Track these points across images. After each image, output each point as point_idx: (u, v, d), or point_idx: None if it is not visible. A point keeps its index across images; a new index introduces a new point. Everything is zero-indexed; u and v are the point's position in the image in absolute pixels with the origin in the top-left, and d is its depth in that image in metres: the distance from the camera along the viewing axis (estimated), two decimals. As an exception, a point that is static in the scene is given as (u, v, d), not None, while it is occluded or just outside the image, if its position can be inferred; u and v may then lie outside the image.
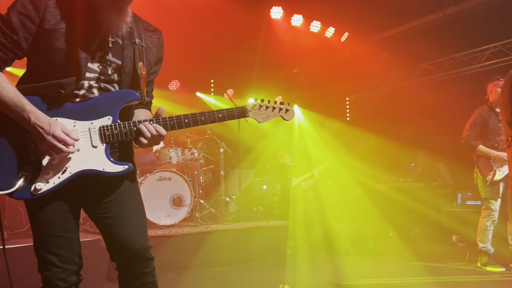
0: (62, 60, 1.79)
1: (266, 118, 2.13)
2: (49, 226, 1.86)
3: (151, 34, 2.11)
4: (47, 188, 1.77)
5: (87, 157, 1.83)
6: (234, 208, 6.89)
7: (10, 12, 1.76)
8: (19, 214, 5.36)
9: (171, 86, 9.25)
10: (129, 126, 1.89)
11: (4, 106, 1.71)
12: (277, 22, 7.46)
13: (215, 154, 7.34)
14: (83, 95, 1.86)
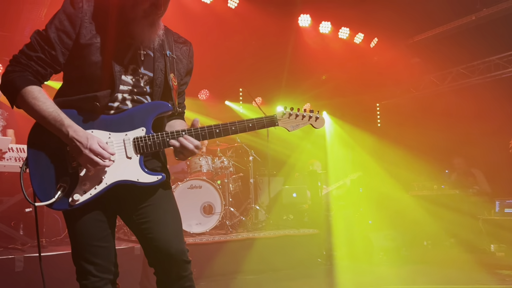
0: (97, 73, 1.85)
1: (296, 127, 2.12)
2: (87, 236, 1.91)
3: (181, 45, 2.16)
4: (85, 199, 1.82)
5: (122, 168, 1.88)
6: (264, 216, 6.88)
7: (48, 28, 1.83)
8: (57, 222, 5.53)
9: (200, 95, 9.38)
10: (162, 137, 1.92)
11: (44, 120, 1.78)
12: (305, 29, 7.45)
13: (245, 162, 7.37)
14: (117, 107, 1.92)
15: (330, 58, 8.41)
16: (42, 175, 1.80)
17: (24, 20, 6.55)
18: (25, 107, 1.79)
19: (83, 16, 1.84)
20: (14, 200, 5.34)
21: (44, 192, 1.79)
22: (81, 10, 1.84)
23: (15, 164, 5.18)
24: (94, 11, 1.87)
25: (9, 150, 5.17)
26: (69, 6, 1.85)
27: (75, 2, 1.85)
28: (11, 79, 1.79)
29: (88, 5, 1.87)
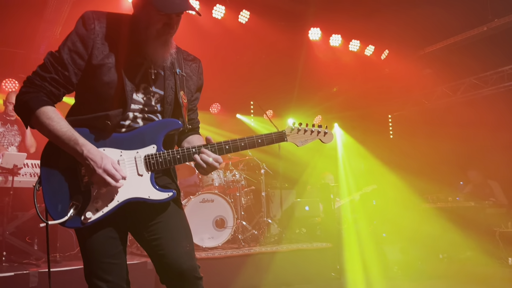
0: (109, 93, 1.88)
1: (305, 142, 2.15)
2: (99, 253, 1.92)
3: (190, 63, 2.19)
4: (97, 217, 1.85)
5: (133, 185, 1.90)
6: (276, 230, 6.84)
7: (61, 50, 1.88)
8: (70, 237, 5.57)
9: (212, 109, 9.45)
10: (173, 154, 1.95)
11: (58, 140, 1.81)
12: (315, 43, 7.49)
13: (256, 175, 7.37)
14: (128, 125, 1.95)
15: (341, 71, 8.42)
16: (54, 193, 1.83)
17: (39, 38, 6.70)
18: (40, 127, 1.83)
19: (95, 37, 1.88)
20: (29, 215, 5.40)
21: (56, 210, 1.82)
22: (93, 32, 1.88)
23: (30, 179, 5.25)
24: (106, 32, 1.91)
25: (25, 165, 5.26)
26: (82, 27, 1.88)
27: (87, 23, 1.88)
28: (25, 100, 1.82)
29: (100, 26, 1.90)
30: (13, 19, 6.24)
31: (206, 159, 1.95)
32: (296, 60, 7.99)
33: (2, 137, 5.83)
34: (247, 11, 6.63)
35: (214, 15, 6.47)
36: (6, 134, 5.87)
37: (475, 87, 8.22)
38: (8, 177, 5.01)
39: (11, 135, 5.92)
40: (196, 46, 6.00)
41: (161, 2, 1.80)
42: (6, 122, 5.91)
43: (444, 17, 6.92)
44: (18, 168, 5.05)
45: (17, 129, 5.99)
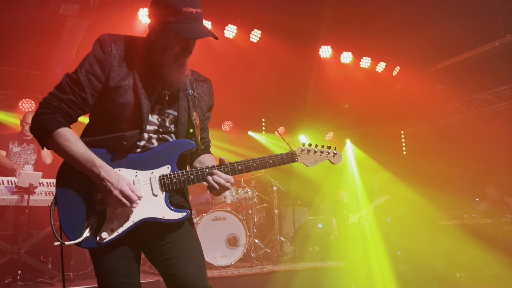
0: (125, 114, 1.91)
1: (315, 162, 2.20)
2: (113, 273, 1.93)
3: (202, 83, 2.22)
4: (112, 237, 1.86)
5: (148, 205, 1.92)
6: (290, 248, 6.79)
7: (79, 72, 1.91)
8: (84, 256, 5.60)
9: (224, 126, 9.51)
10: (187, 175, 1.97)
11: (75, 161, 1.83)
12: (326, 60, 7.53)
13: (268, 192, 7.35)
14: (143, 146, 1.97)
15: (352, 88, 8.43)
16: (70, 213, 1.85)
17: (56, 60, 6.86)
18: (56, 148, 1.85)
19: (112, 59, 1.91)
20: (43, 234, 5.45)
21: (72, 230, 1.83)
22: (110, 54, 1.91)
23: (45, 198, 5.32)
24: (122, 54, 1.94)
25: (40, 184, 5.33)
26: (99, 50, 1.92)
27: (104, 46, 1.92)
28: (42, 122, 1.84)
29: (117, 49, 1.93)
30: (30, 41, 6.41)
31: (218, 180, 1.96)
32: (307, 77, 8.04)
33: (19, 156, 5.93)
34: (258, 30, 6.73)
35: (226, 35, 6.57)
36: (22, 153, 5.98)
37: (489, 102, 8.15)
38: (24, 196, 5.08)
39: (27, 154, 6.02)
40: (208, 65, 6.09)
41: (182, 28, 1.86)
42: (22, 141, 6.02)
43: (456, 32, 6.93)
44: (34, 187, 5.13)
45: (33, 147, 6.10)
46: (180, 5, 1.86)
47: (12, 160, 5.84)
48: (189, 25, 1.87)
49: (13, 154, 5.90)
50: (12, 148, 5.92)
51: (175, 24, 1.86)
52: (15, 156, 5.91)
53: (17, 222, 5.23)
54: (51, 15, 5.62)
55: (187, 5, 1.87)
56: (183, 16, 1.86)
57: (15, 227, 5.34)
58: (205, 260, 5.44)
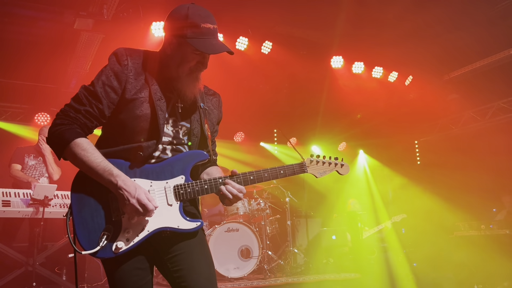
0: (142, 126, 1.94)
1: (323, 173, 2.27)
2: (127, 284, 1.93)
3: (211, 97, 2.27)
4: (128, 247, 1.86)
5: (163, 215, 1.93)
6: (303, 260, 6.72)
7: (96, 84, 1.94)
8: (98, 268, 5.62)
9: (236, 138, 9.54)
10: (201, 185, 2.00)
11: (92, 171, 1.84)
12: (338, 70, 7.52)
13: (281, 203, 7.31)
14: (158, 157, 1.99)
15: (364, 98, 8.40)
16: (86, 224, 1.85)
17: (70, 73, 6.99)
18: (73, 158, 1.86)
19: (128, 72, 1.96)
20: (58, 246, 5.50)
21: (88, 241, 1.83)
22: (126, 67, 1.96)
23: (60, 210, 5.37)
24: (138, 67, 1.99)
25: (55, 196, 5.39)
26: (115, 63, 1.97)
27: (120, 59, 1.97)
28: (60, 132, 1.86)
29: (133, 62, 1.98)
30: (46, 56, 6.55)
31: (231, 190, 1.99)
32: (319, 88, 8.04)
33: (34, 169, 6.01)
34: (270, 42, 6.76)
35: (237, 47, 6.62)
36: (38, 166, 6.06)
37: (504, 111, 8.04)
38: (39, 208, 5.14)
39: (42, 166, 6.10)
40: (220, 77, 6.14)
41: (200, 43, 1.92)
42: (38, 155, 6.11)
43: (468, 41, 6.88)
44: (49, 199, 5.19)
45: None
46: (198, 21, 1.92)
47: (28, 173, 5.92)
48: (207, 40, 1.93)
49: (28, 167, 5.98)
50: (28, 162, 6.01)
51: (193, 39, 1.91)
52: (31, 169, 5.99)
53: (32, 234, 5.28)
54: (66, 30, 5.74)
55: (205, 21, 1.93)
56: (201, 31, 1.92)
57: (30, 239, 5.41)
58: (218, 272, 5.44)
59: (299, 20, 6.47)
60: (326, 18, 6.37)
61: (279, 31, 6.81)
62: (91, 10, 5.33)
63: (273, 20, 6.57)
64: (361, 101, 8.55)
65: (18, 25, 5.95)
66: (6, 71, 6.88)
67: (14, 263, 5.09)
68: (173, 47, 1.98)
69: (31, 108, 7.71)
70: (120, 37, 5.97)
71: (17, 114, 7.71)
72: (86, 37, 5.83)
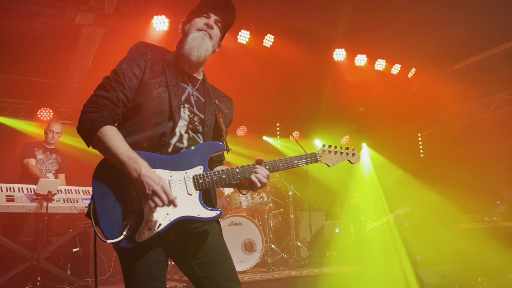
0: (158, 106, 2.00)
1: (336, 162, 2.33)
2: (143, 276, 1.94)
3: (224, 98, 2.36)
4: (150, 236, 1.88)
5: (183, 204, 1.96)
6: (306, 253, 6.73)
7: (117, 71, 2.02)
8: (102, 262, 5.65)
9: (238, 132, 9.53)
10: (219, 174, 2.04)
11: (117, 157, 1.84)
12: (340, 63, 7.49)
13: (284, 197, 7.31)
14: (174, 145, 2.03)
15: (367, 90, 8.37)
16: (108, 213, 1.86)
17: (72, 68, 6.98)
18: (101, 145, 1.87)
19: (147, 60, 2.06)
20: (62, 240, 5.53)
21: (111, 230, 1.84)
22: (145, 55, 2.07)
23: (63, 205, 5.39)
24: (156, 58, 2.10)
25: (58, 191, 5.41)
26: (136, 52, 2.07)
27: (141, 50, 2.08)
28: (91, 119, 1.89)
29: (151, 53, 2.09)
30: (48, 51, 6.55)
31: (260, 178, 2.06)
32: (321, 81, 8.01)
33: (41, 163, 6.04)
34: (272, 35, 6.73)
35: (239, 40, 6.59)
36: (45, 161, 6.08)
37: (508, 102, 8.00)
38: (43, 203, 5.16)
39: (49, 163, 6.12)
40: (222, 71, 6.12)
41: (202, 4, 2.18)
42: (46, 150, 6.14)
43: (472, 32, 6.82)
44: (52, 194, 5.21)
45: (55, 157, 6.21)
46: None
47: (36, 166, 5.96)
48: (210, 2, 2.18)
49: (37, 161, 6.01)
50: (37, 155, 6.04)
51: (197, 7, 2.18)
52: (39, 163, 6.02)
53: (37, 229, 5.31)
54: (68, 24, 5.72)
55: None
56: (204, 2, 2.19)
57: (35, 234, 5.43)
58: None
59: (301, 12, 6.42)
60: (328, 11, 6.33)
61: (281, 24, 6.77)
62: (92, 5, 5.31)
63: (275, 13, 6.53)
64: (364, 94, 8.52)
65: (20, 20, 5.94)
66: (8, 67, 6.89)
67: (19, 258, 5.13)
68: (183, 26, 2.22)
69: (34, 103, 7.72)
70: (122, 31, 5.96)
71: (20, 110, 7.73)
72: (88, 31, 5.82)
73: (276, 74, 7.87)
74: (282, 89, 8.35)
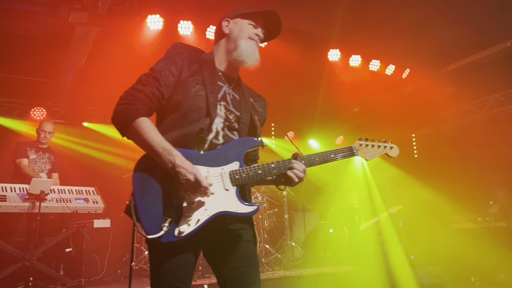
0: (195, 104, 2.05)
1: (373, 156, 2.35)
2: (172, 276, 1.95)
3: (258, 98, 2.42)
4: (190, 231, 1.90)
5: (221, 199, 1.98)
6: (300, 253, 6.74)
7: (155, 68, 2.07)
8: (95, 262, 5.62)
9: (233, 132, 9.51)
10: (255, 169, 2.05)
11: (152, 149, 1.89)
12: (335, 64, 7.49)
13: (278, 197, 7.31)
14: (210, 141, 2.06)
15: (362, 91, 8.38)
16: (148, 209, 1.88)
17: (66, 67, 6.94)
18: (136, 136, 1.93)
19: (184, 59, 2.11)
20: (55, 241, 5.49)
21: (151, 225, 1.86)
22: (182, 54, 2.12)
23: (56, 205, 5.36)
24: (193, 58, 2.16)
25: (51, 191, 5.37)
26: (173, 51, 2.13)
27: (178, 49, 2.13)
28: (126, 110, 1.94)
29: (188, 53, 2.14)
30: (41, 50, 6.51)
31: (297, 173, 2.08)
32: (316, 82, 8.01)
33: (34, 163, 6.00)
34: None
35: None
36: (38, 161, 6.04)
37: (501, 104, 8.04)
38: (36, 203, 5.12)
39: (42, 162, 6.08)
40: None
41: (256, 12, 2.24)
42: (38, 149, 6.10)
43: (466, 34, 6.86)
44: (45, 194, 5.17)
45: (47, 157, 6.16)
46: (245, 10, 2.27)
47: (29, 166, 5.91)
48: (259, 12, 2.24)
49: (30, 160, 5.97)
50: (30, 155, 6.00)
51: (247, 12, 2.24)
52: (32, 163, 5.98)
53: (29, 229, 5.27)
54: (61, 23, 5.69)
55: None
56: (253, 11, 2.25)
57: (27, 234, 5.39)
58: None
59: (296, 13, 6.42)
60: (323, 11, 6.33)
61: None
62: (85, 3, 5.27)
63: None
64: (358, 95, 8.54)
65: (13, 19, 5.90)
66: (1, 66, 6.83)
67: (11, 258, 5.08)
68: (230, 27, 2.25)
69: (27, 102, 7.67)
70: (116, 30, 5.93)
71: (13, 109, 7.67)
72: (81, 30, 5.78)
73: (270, 74, 7.86)
74: (276, 89, 8.35)
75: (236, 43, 2.19)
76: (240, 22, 2.24)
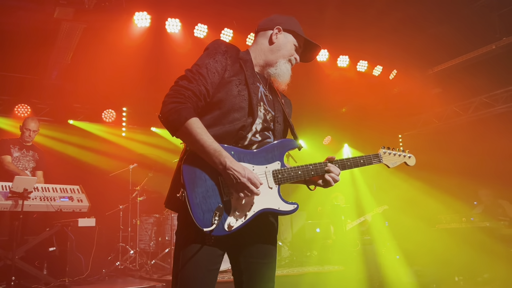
0: (239, 104, 2.08)
1: (395, 163, 2.56)
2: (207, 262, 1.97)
3: (285, 99, 2.46)
4: (238, 225, 1.96)
5: (266, 197, 2.05)
6: (287, 253, 6.74)
7: (200, 65, 2.08)
8: (79, 261, 5.55)
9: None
10: (295, 170, 2.14)
11: (203, 150, 1.93)
12: (323, 64, 7.52)
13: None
14: (250, 139, 2.11)
15: (349, 92, 8.42)
16: (199, 203, 1.92)
17: (51, 64, 6.84)
18: (188, 136, 1.94)
19: (227, 59, 2.13)
20: (38, 239, 5.41)
21: (202, 219, 1.90)
22: (226, 54, 2.14)
23: (40, 203, 5.28)
24: (234, 56, 2.18)
25: (35, 189, 5.29)
26: (217, 49, 2.14)
27: (221, 47, 2.15)
28: (178, 109, 1.93)
29: (230, 51, 2.16)
30: (26, 46, 6.39)
31: (334, 176, 2.18)
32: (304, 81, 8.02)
33: (18, 161, 5.90)
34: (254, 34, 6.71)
35: (222, 38, 6.56)
36: (22, 158, 5.95)
37: (486, 105, 8.15)
38: (18, 201, 5.04)
39: (26, 160, 5.99)
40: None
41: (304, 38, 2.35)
42: (22, 147, 6.00)
43: (452, 36, 6.93)
44: (28, 192, 5.09)
45: (31, 155, 6.07)
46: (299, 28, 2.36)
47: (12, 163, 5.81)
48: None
49: (13, 158, 5.87)
50: (13, 153, 5.90)
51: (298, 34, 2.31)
52: (15, 160, 5.88)
53: (12, 227, 5.18)
54: (47, 19, 5.60)
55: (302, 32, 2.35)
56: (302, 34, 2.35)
57: (9, 232, 5.29)
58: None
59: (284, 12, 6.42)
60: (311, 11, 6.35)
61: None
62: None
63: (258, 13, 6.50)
64: (346, 95, 8.58)
65: (-3, 14, 5.80)
66: (-15, 62, 6.71)
67: (-8, 257, 4.99)
68: (279, 37, 2.28)
69: (11, 99, 7.55)
70: (103, 27, 5.86)
71: (-4, 106, 7.54)
72: (67, 27, 5.70)
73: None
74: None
75: (277, 61, 2.25)
76: (289, 38, 2.30)
